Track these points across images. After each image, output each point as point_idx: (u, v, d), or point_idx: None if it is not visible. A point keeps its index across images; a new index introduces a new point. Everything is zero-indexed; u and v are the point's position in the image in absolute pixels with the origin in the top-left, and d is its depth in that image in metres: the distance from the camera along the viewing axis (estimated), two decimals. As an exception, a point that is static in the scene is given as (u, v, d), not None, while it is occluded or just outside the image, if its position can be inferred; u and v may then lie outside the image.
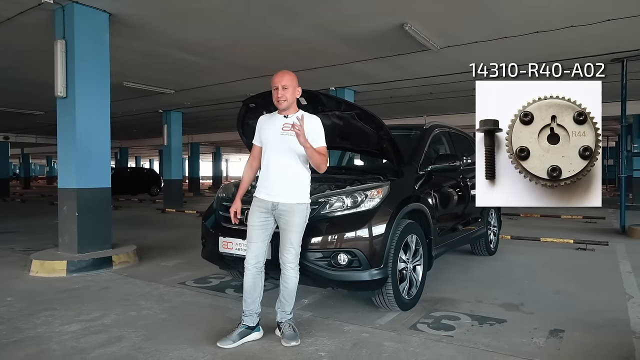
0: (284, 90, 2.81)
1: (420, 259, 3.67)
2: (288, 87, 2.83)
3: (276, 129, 2.87)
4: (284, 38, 6.56)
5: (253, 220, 2.88)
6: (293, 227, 2.86)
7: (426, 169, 4.06)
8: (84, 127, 5.19)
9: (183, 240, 7.11)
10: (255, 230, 2.87)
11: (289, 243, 2.87)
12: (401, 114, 14.79)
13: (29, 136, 22.17)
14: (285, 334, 2.87)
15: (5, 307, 3.62)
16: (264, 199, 2.87)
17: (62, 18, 5.19)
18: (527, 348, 2.80)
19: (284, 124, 2.86)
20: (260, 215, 2.87)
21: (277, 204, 2.84)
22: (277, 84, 2.82)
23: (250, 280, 2.87)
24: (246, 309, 2.89)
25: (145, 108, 13.44)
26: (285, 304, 2.93)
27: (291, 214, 2.85)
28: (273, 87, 2.85)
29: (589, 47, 7.14)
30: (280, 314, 2.95)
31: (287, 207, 2.84)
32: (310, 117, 2.94)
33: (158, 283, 4.40)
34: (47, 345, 2.85)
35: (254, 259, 2.86)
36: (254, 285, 2.87)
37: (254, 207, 2.90)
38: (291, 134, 2.80)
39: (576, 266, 5.20)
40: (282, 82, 2.81)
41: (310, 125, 2.87)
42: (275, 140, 2.86)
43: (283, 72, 2.88)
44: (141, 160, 46.96)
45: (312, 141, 2.82)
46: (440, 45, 6.77)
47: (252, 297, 2.88)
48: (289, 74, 2.88)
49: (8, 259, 5.67)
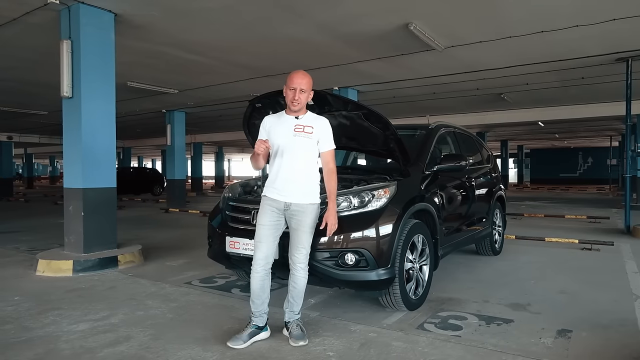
0: (300, 93, 2.78)
1: (426, 258, 3.66)
2: (305, 91, 2.80)
3: (288, 130, 2.85)
4: (288, 38, 6.57)
5: (264, 219, 2.85)
6: (305, 227, 2.85)
7: (432, 169, 4.05)
8: (90, 127, 5.20)
9: (187, 240, 7.13)
10: (265, 230, 2.84)
11: (300, 243, 2.86)
12: (404, 114, 14.80)
13: (32, 136, 22.20)
14: (293, 334, 2.87)
15: (13, 307, 3.63)
16: (276, 198, 2.84)
17: (67, 18, 5.20)
18: (535, 348, 2.80)
19: (295, 125, 2.85)
20: (272, 215, 2.85)
21: (289, 204, 2.83)
22: (295, 85, 2.77)
23: (259, 281, 2.83)
24: (255, 310, 2.87)
25: (148, 108, 13.46)
26: (293, 304, 2.93)
27: (304, 214, 2.85)
28: (290, 87, 2.79)
29: (594, 47, 7.13)
30: (288, 314, 2.95)
31: (300, 207, 2.84)
32: (319, 119, 2.95)
33: (164, 283, 4.41)
34: (55, 344, 2.86)
35: (263, 259, 2.83)
36: (263, 287, 2.85)
37: (265, 206, 2.87)
38: (304, 135, 2.83)
39: (582, 266, 5.19)
40: (301, 85, 2.77)
41: (319, 127, 2.89)
42: (287, 141, 2.84)
43: (303, 74, 2.83)
44: (144, 160, 47.05)
45: (322, 144, 2.87)
46: (444, 45, 6.77)
47: (261, 298, 2.86)
48: (308, 77, 2.83)
49: (14, 258, 5.69)
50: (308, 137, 2.85)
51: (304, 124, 2.86)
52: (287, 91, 2.82)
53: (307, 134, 2.85)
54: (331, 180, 2.92)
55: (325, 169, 2.94)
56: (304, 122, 2.87)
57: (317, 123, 2.90)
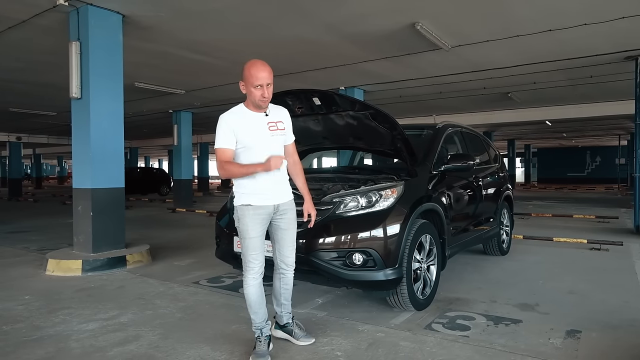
0: (268, 88, 2.54)
1: (434, 258, 3.66)
2: (271, 84, 2.56)
3: (262, 129, 2.62)
4: (295, 38, 6.58)
5: (256, 230, 2.61)
6: (294, 224, 2.78)
7: (439, 169, 4.05)
8: (99, 128, 5.25)
9: (195, 240, 7.16)
10: (258, 241, 2.62)
11: (292, 242, 2.78)
12: (410, 113, 14.78)
13: (41, 136, 22.41)
14: (298, 334, 2.87)
15: (23, 306, 3.67)
16: (263, 204, 2.62)
17: (76, 20, 5.25)
18: (544, 349, 2.79)
19: (268, 122, 2.65)
20: (262, 223, 2.65)
21: (278, 205, 2.68)
22: (261, 82, 2.50)
23: (258, 290, 2.66)
24: (260, 320, 2.68)
25: (155, 108, 13.54)
26: (287, 305, 2.88)
27: (292, 212, 2.77)
28: (254, 84, 2.51)
29: (602, 45, 7.08)
30: (286, 316, 2.90)
31: (287, 206, 2.75)
32: (281, 110, 2.78)
33: (172, 282, 4.44)
34: (66, 343, 2.89)
35: (260, 269, 2.65)
36: (261, 294, 2.68)
37: (254, 216, 2.60)
38: (280, 133, 2.68)
39: (591, 266, 5.16)
40: (267, 80, 2.52)
41: (286, 120, 2.76)
42: (265, 141, 2.62)
43: (263, 65, 2.54)
44: (151, 160, 47.30)
45: (289, 137, 2.77)
46: (451, 44, 6.75)
47: (262, 306, 2.69)
48: (268, 66, 2.56)
49: (24, 258, 5.75)
50: (283, 133, 2.71)
51: (274, 120, 2.68)
52: (249, 89, 2.54)
53: (281, 130, 2.70)
54: (300, 172, 2.86)
55: (291, 160, 2.82)
56: (273, 117, 2.68)
57: (283, 116, 2.75)
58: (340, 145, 4.55)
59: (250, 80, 2.52)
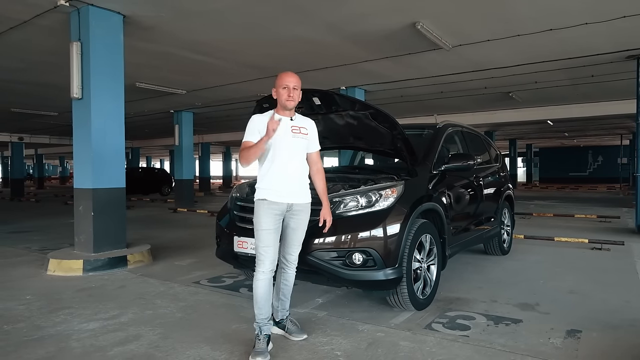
0: (294, 91, 2.78)
1: (434, 258, 3.66)
2: (297, 89, 2.81)
3: (285, 130, 2.79)
4: (296, 38, 6.58)
5: (269, 223, 2.74)
6: (304, 226, 2.89)
7: (440, 169, 4.04)
8: (100, 128, 5.26)
9: (196, 240, 7.17)
10: (271, 234, 2.74)
11: (298, 242, 2.89)
12: (411, 113, 14.77)
13: (43, 137, 22.46)
14: (292, 330, 2.94)
15: (24, 306, 3.68)
16: (278, 201, 2.77)
17: (77, 20, 5.26)
18: (544, 348, 2.79)
19: (292, 126, 2.83)
20: (275, 218, 2.77)
21: (292, 204, 2.80)
22: (288, 84, 2.77)
23: (267, 286, 2.73)
24: (263, 317, 2.72)
25: (156, 108, 13.56)
26: (285, 301, 2.96)
27: (304, 213, 2.88)
28: (282, 85, 2.77)
29: (603, 45, 7.07)
30: (281, 312, 2.97)
31: (301, 207, 2.86)
32: (308, 121, 2.97)
33: (172, 282, 4.45)
34: (67, 343, 2.89)
35: (271, 264, 2.73)
36: (269, 290, 2.76)
37: (267, 210, 2.75)
38: (301, 137, 2.85)
39: (591, 266, 5.15)
40: (293, 83, 2.78)
41: (311, 129, 2.94)
42: (287, 142, 2.80)
43: (293, 74, 2.84)
44: (152, 160, 47.37)
45: (312, 145, 2.92)
46: (452, 44, 6.74)
47: (268, 302, 2.76)
48: (298, 76, 2.85)
49: (25, 257, 5.76)
50: (305, 138, 2.87)
51: (299, 125, 2.86)
52: (279, 91, 2.78)
53: (304, 135, 2.87)
54: (322, 179, 2.98)
55: (315, 168, 2.97)
56: (298, 123, 2.87)
57: (308, 124, 2.93)
58: (341, 145, 4.55)
59: (279, 82, 2.79)
